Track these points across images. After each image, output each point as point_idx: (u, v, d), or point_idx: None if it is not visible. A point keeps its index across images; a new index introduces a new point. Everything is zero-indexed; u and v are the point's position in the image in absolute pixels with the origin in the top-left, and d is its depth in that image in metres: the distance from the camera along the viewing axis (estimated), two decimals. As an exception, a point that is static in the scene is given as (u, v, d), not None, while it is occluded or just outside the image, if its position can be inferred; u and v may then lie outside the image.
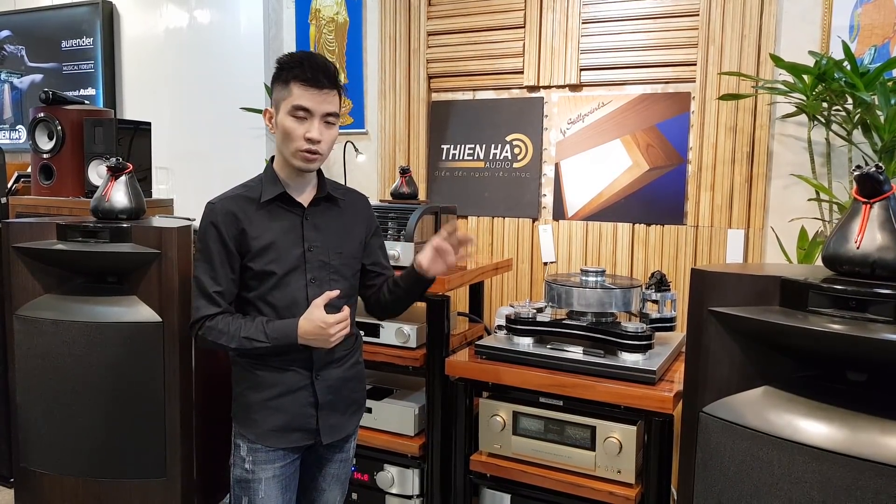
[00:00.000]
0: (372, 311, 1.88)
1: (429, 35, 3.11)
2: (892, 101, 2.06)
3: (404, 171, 2.63)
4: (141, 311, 1.99)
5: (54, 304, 2.03)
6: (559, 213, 2.92)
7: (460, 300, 2.90)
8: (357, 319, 1.83)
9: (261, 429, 1.68)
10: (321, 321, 1.55)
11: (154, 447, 2.01)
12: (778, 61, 2.29)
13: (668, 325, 2.15)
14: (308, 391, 1.68)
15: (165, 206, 3.09)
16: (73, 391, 2.00)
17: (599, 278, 2.10)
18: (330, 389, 1.70)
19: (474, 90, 3.10)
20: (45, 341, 2.01)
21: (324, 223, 1.70)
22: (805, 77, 2.22)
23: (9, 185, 3.42)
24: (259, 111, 3.35)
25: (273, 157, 1.72)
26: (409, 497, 2.32)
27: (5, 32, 4.24)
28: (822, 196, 2.32)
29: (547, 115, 2.94)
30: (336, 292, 1.60)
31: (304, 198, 1.70)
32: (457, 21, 3.05)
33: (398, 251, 2.25)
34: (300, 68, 1.58)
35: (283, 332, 1.59)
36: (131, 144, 2.93)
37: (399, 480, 2.32)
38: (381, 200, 2.61)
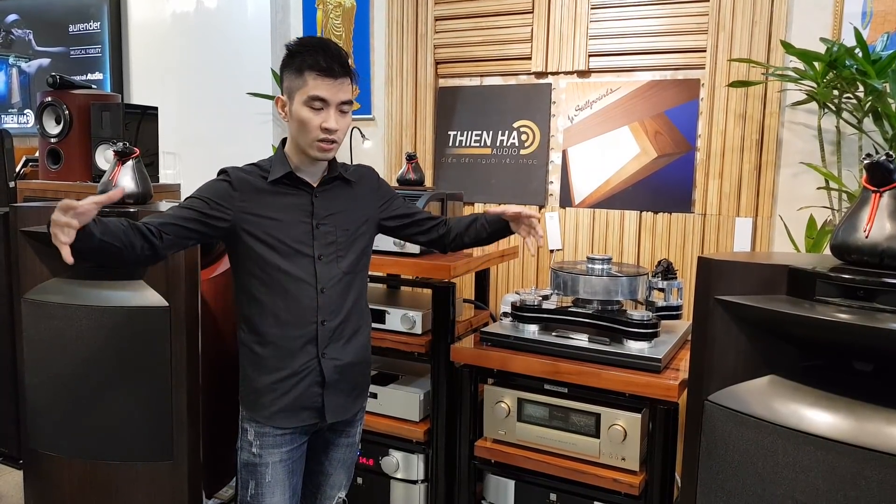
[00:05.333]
0: (446, 247, 1.92)
1: (436, 20, 3.09)
2: (904, 89, 2.04)
3: (410, 158, 2.63)
4: (147, 296, 2.00)
5: (62, 288, 2.04)
6: (566, 200, 2.91)
7: (466, 287, 2.90)
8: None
9: (268, 410, 1.69)
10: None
11: (161, 430, 2.03)
12: (789, 48, 2.27)
13: (674, 313, 2.14)
14: (315, 371, 1.69)
15: (172, 191, 3.09)
16: (81, 374, 2.01)
17: (606, 266, 2.10)
18: (336, 370, 1.71)
19: (482, 76, 3.08)
20: (53, 325, 2.02)
21: (333, 201, 1.71)
22: (816, 64, 2.20)
23: (17, 170, 3.43)
24: (266, 96, 3.35)
25: (284, 140, 1.72)
26: (414, 482, 2.33)
27: (13, 16, 4.24)
28: (832, 185, 2.31)
29: (555, 102, 2.93)
30: (120, 191, 1.52)
31: (314, 179, 1.71)
32: (464, 6, 3.03)
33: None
34: (314, 57, 1.57)
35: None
36: (138, 129, 2.93)
37: (404, 465, 2.33)
38: (387, 187, 2.61)
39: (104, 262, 1.57)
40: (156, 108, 3.04)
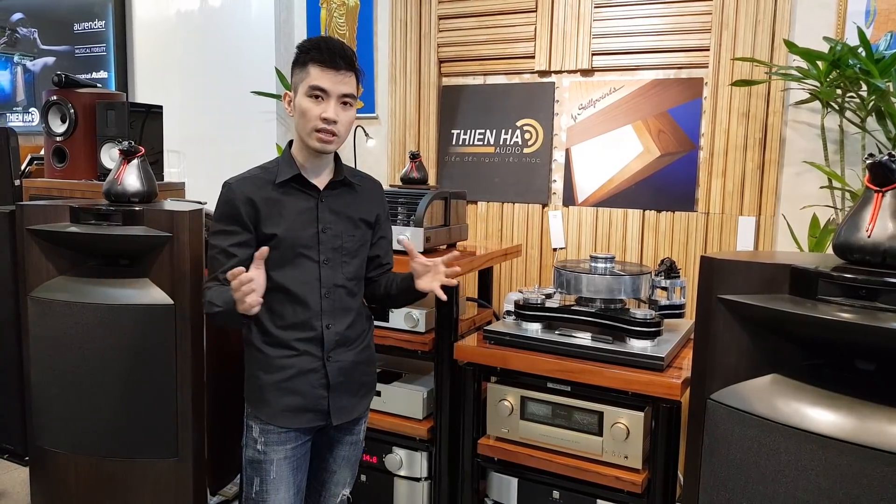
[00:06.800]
0: (374, 296, 1.88)
1: (440, 19, 3.10)
2: (908, 88, 2.04)
3: (414, 157, 2.63)
4: (153, 294, 2.01)
5: (68, 286, 2.05)
6: (569, 198, 2.92)
7: (469, 285, 2.91)
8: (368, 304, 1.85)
9: (273, 409, 1.70)
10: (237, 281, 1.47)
11: (166, 428, 2.04)
12: (792, 47, 2.27)
13: (676, 312, 2.15)
14: (320, 373, 1.70)
15: (177, 190, 3.10)
16: (87, 372, 2.02)
17: (609, 265, 2.10)
18: (341, 371, 1.72)
19: (485, 75, 3.09)
20: (59, 323, 2.03)
21: (339, 206, 1.72)
22: (819, 63, 2.20)
23: (22, 168, 3.44)
24: (270, 95, 3.36)
25: (291, 142, 1.74)
26: (418, 479, 2.34)
27: (18, 15, 4.26)
28: (835, 184, 2.31)
29: (558, 101, 2.93)
30: (265, 249, 1.55)
31: (321, 181, 1.71)
32: (468, 5, 3.03)
33: (407, 236, 2.25)
34: (317, 50, 1.61)
35: (229, 297, 1.53)
36: (143, 128, 2.94)
37: (407, 463, 2.34)
38: (390, 185, 2.62)
39: (239, 325, 1.70)
40: (160, 107, 3.05)
